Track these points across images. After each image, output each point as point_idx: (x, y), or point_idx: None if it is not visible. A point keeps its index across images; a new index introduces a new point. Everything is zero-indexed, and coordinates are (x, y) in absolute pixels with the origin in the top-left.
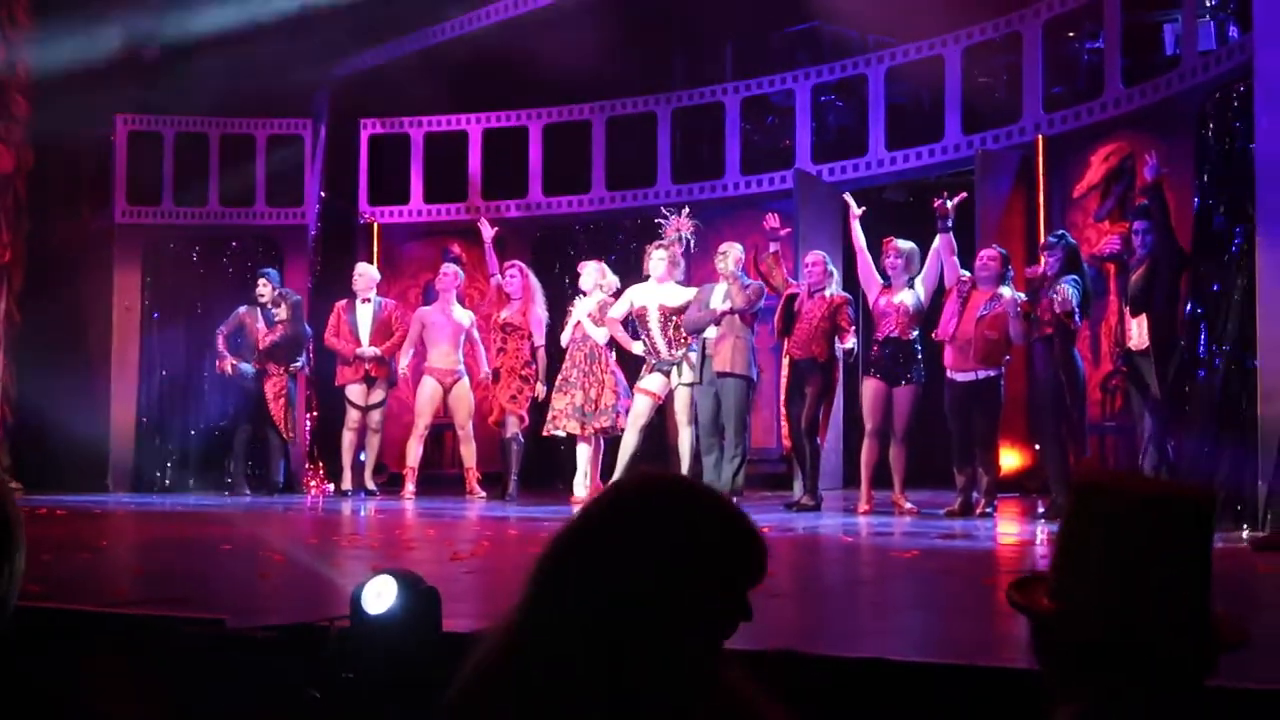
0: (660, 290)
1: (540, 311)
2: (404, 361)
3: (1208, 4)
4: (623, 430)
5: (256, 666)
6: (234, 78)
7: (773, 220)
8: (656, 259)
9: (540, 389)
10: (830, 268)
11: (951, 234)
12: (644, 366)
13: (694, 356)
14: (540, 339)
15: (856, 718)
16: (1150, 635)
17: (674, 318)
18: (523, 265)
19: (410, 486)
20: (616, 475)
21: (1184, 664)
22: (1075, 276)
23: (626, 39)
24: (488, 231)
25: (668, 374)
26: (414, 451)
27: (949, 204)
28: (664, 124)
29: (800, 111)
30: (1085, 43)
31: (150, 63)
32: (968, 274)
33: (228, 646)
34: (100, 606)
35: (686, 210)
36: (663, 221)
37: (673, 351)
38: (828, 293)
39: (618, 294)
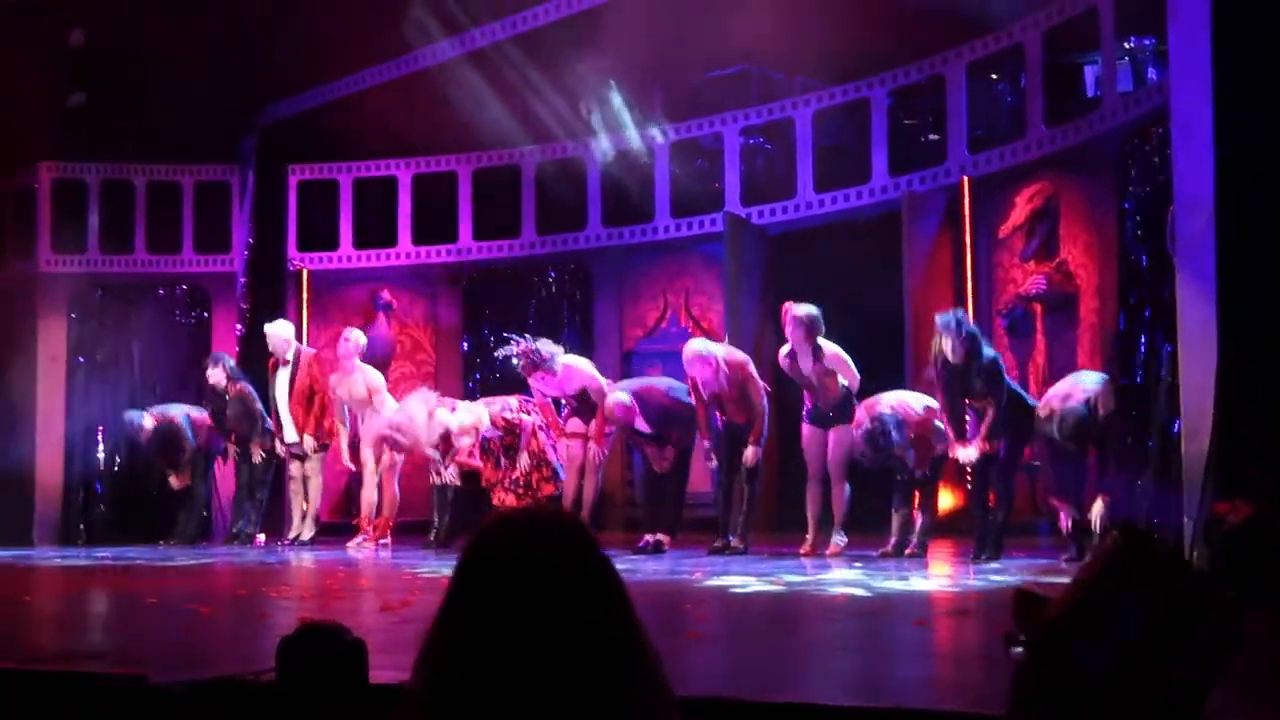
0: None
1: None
2: (344, 441)
3: (1126, 46)
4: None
5: None
6: (160, 123)
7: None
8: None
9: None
10: (709, 352)
11: None
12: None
13: None
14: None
15: None
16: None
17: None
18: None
19: (368, 534)
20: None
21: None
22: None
23: (555, 84)
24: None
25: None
26: (370, 499)
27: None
28: (593, 167)
29: (729, 154)
30: (1008, 84)
31: (75, 108)
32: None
33: (148, 702)
34: (17, 663)
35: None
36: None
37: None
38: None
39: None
